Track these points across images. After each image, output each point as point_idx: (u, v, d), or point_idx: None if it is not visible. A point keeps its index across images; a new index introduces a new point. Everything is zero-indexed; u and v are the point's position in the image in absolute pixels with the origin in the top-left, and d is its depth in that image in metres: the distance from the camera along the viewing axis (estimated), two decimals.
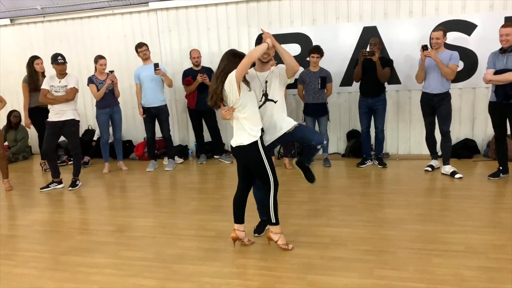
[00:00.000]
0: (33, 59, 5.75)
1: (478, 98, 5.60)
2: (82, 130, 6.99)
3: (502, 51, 4.35)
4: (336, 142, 6.27)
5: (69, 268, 3.03)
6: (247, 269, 2.87)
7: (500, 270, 2.67)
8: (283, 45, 3.13)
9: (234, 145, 3.05)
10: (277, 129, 3.20)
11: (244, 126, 2.99)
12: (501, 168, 4.67)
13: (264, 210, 3.28)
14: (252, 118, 2.98)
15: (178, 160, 6.29)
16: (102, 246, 3.39)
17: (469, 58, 5.46)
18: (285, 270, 2.83)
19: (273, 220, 3.10)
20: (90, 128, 7.22)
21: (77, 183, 5.20)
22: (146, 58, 5.78)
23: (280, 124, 3.20)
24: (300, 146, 6.14)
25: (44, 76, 5.55)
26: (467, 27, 5.43)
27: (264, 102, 3.17)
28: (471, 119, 5.68)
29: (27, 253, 3.33)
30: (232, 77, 2.84)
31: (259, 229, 3.44)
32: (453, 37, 5.46)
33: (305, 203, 4.17)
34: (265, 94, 3.17)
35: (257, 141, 2.96)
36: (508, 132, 4.57)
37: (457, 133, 5.77)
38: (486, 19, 5.30)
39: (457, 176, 4.73)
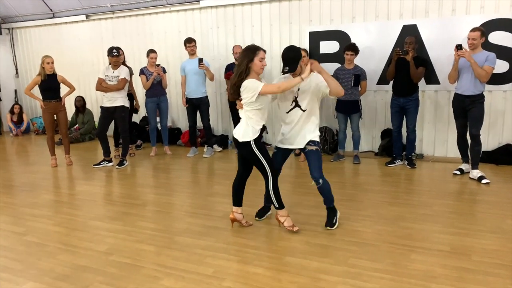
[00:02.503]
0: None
1: None
2: (140, 116, 7.77)
3: None
4: (371, 140, 6.27)
5: (91, 230, 3.57)
6: (235, 246, 3.18)
7: (474, 272, 2.68)
8: (322, 42, 3.33)
9: (233, 135, 3.33)
10: (298, 139, 3.38)
11: (245, 121, 3.27)
12: None
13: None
14: (255, 117, 3.21)
15: (218, 148, 6.74)
16: (124, 216, 3.91)
17: None
18: (268, 250, 3.09)
19: (276, 205, 3.37)
20: (146, 115, 7.94)
21: (124, 162, 5.86)
22: (192, 53, 6.27)
23: (303, 135, 3.37)
24: (333, 143, 6.27)
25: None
26: None
27: (293, 107, 3.35)
28: None
29: (75, 218, 3.96)
30: (253, 87, 3.06)
31: (260, 213, 3.72)
32: (499, 37, 5.22)
33: (316, 195, 4.32)
34: (296, 100, 3.34)
35: (250, 141, 3.21)
36: None
37: (499, 138, 5.49)
38: None
39: (484, 181, 4.56)
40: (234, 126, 6.57)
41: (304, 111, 3.32)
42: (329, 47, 6.19)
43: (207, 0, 6.93)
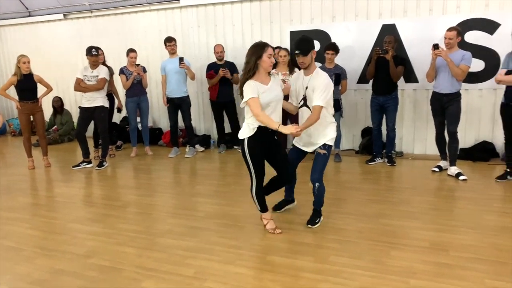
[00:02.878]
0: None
1: (499, 100, 5.34)
2: (120, 117, 7.66)
3: None
4: (352, 139, 6.33)
5: (70, 233, 3.50)
6: (217, 246, 3.16)
7: (453, 267, 2.73)
8: None
9: None
10: (310, 140, 3.38)
11: (245, 119, 3.25)
12: (508, 170, 4.55)
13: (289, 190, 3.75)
14: (252, 117, 3.14)
15: (200, 148, 6.70)
16: (104, 218, 3.85)
17: (491, 58, 5.27)
18: (250, 249, 3.09)
19: (259, 209, 3.37)
20: (127, 115, 7.83)
21: (104, 163, 5.77)
22: (173, 53, 6.21)
23: (316, 137, 3.35)
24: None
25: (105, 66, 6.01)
26: (489, 26, 5.25)
27: (301, 106, 3.33)
28: (492, 121, 5.49)
29: (53, 221, 3.87)
30: (246, 92, 3.04)
31: (278, 206, 3.81)
32: (475, 36, 5.32)
33: (299, 194, 4.35)
34: (304, 99, 3.31)
35: (244, 139, 3.19)
36: None
37: (476, 135, 5.61)
38: (510, 17, 5.08)
39: (461, 178, 4.66)
40: (217, 126, 6.63)
41: (310, 109, 3.25)
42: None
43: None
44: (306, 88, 3.27)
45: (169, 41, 6.19)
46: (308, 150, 3.49)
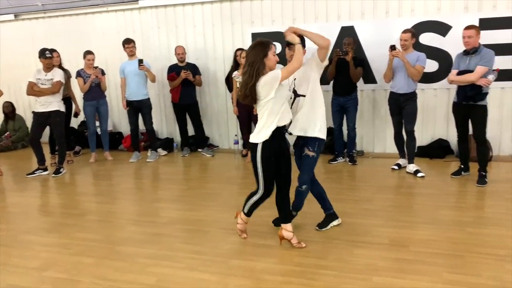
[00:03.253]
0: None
1: (453, 99, 5.60)
2: (78, 121, 7.38)
3: (465, 52, 4.41)
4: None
5: (23, 245, 3.32)
6: (179, 253, 3.08)
7: (414, 262, 2.79)
8: None
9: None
10: (298, 125, 3.14)
11: (260, 121, 2.97)
12: (462, 166, 4.75)
13: (324, 203, 3.44)
14: (270, 116, 2.89)
15: (162, 152, 6.56)
16: (61, 227, 3.67)
17: (444, 59, 5.49)
18: (214, 254, 3.03)
19: (245, 211, 3.23)
20: (85, 119, 7.55)
21: (60, 170, 5.53)
22: (132, 54, 6.06)
23: (306, 122, 3.11)
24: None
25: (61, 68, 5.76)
26: (442, 28, 5.47)
27: (294, 99, 3.14)
28: (446, 120, 5.71)
29: (4, 232, 3.65)
30: (273, 77, 2.75)
31: (322, 224, 3.43)
32: (428, 38, 5.52)
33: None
34: (294, 91, 3.14)
35: (257, 144, 2.92)
36: (470, 132, 4.60)
37: (432, 133, 5.83)
38: (460, 20, 5.31)
39: (419, 174, 4.81)
40: (180, 129, 6.52)
41: (304, 96, 3.08)
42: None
43: (146, 0, 6.72)
44: (294, 79, 3.15)
45: (128, 43, 6.03)
46: (296, 134, 3.20)
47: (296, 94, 3.13)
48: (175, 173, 5.51)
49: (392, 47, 4.73)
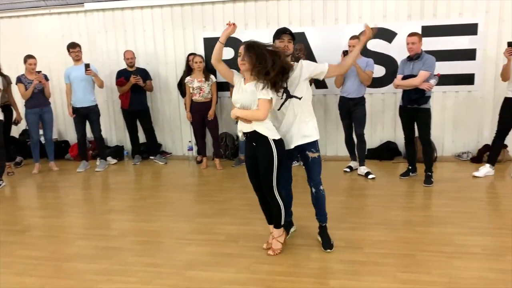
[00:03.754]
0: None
1: (399, 103, 5.85)
2: (19, 130, 6.93)
3: (409, 58, 4.61)
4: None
5: None
6: (133, 267, 2.95)
7: (368, 264, 2.85)
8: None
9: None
10: (295, 136, 2.95)
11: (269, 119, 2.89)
12: (410, 167, 4.96)
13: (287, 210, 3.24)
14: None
15: (112, 161, 6.31)
16: (0, 245, 3.40)
17: (391, 64, 5.71)
18: (169, 266, 2.93)
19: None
20: (27, 128, 7.11)
21: (0, 183, 5.14)
22: (78, 59, 5.79)
23: (300, 130, 2.95)
24: (234, 148, 6.30)
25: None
26: (388, 35, 5.70)
27: (285, 100, 2.90)
28: (393, 123, 5.94)
29: None
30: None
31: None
32: (375, 44, 5.72)
33: (220, 203, 4.29)
34: (286, 91, 2.88)
35: (271, 140, 2.80)
36: (416, 135, 4.81)
37: (380, 136, 6.04)
38: (405, 27, 5.56)
39: (370, 176, 4.96)
40: (130, 136, 6.30)
41: (300, 98, 2.91)
42: (224, 53, 6.14)
43: (93, 3, 6.46)
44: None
45: (73, 47, 5.76)
46: (292, 147, 2.99)
47: (289, 95, 2.90)
48: (126, 182, 5.31)
49: (345, 53, 4.85)
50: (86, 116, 5.81)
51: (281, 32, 3.00)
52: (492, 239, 3.16)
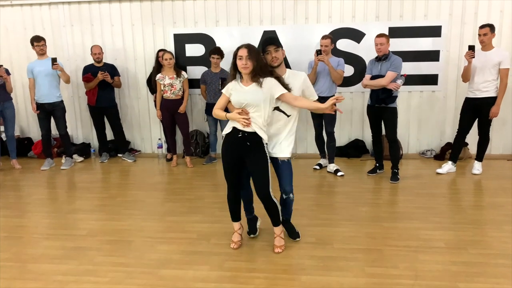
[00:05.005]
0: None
1: (367, 102, 6.00)
2: None
3: (377, 59, 4.74)
4: None
5: None
6: (102, 266, 2.89)
7: (338, 259, 2.92)
8: (188, 45, 2.96)
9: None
10: (275, 147, 3.00)
11: (265, 123, 2.92)
12: (377, 165, 5.10)
13: (249, 207, 3.31)
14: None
15: (78, 158, 6.14)
16: None
17: (359, 64, 5.85)
18: (141, 265, 2.89)
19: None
20: None
21: None
22: (42, 53, 5.57)
23: (280, 143, 2.99)
24: (204, 145, 6.26)
25: None
26: (356, 35, 5.83)
27: (272, 110, 2.91)
28: (361, 121, 6.10)
29: None
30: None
31: (251, 230, 3.34)
32: (345, 44, 5.85)
33: (190, 201, 4.27)
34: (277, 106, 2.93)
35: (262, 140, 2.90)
36: (383, 133, 4.95)
37: (349, 134, 6.18)
38: (373, 28, 5.71)
39: (339, 174, 5.07)
40: (97, 133, 6.14)
41: (288, 116, 2.97)
42: (194, 50, 6.16)
43: None
44: None
45: (37, 41, 5.54)
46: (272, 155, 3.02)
47: (276, 107, 2.93)
48: (93, 180, 5.18)
49: (318, 52, 4.90)
50: (51, 112, 5.61)
51: (264, 44, 2.94)
52: (455, 233, 3.31)
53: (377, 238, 3.27)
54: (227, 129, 2.94)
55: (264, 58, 2.91)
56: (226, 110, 2.98)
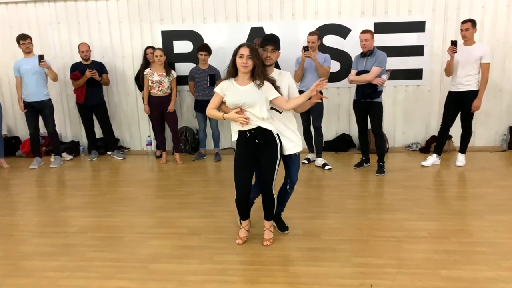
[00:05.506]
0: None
1: (353, 97, 6.10)
2: None
3: (362, 54, 4.82)
4: (230, 138, 6.49)
5: None
6: (94, 262, 2.93)
7: (325, 250, 3.00)
8: (176, 42, 2.95)
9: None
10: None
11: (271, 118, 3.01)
12: (363, 158, 5.20)
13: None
14: None
15: (67, 157, 6.13)
16: None
17: (345, 60, 5.94)
18: (132, 260, 2.94)
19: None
20: None
21: None
22: (28, 51, 5.54)
23: (288, 140, 3.05)
24: (194, 142, 6.30)
25: None
26: (342, 31, 5.90)
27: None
28: (348, 116, 6.19)
29: None
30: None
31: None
32: (331, 40, 5.92)
33: (179, 197, 4.31)
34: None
35: (276, 135, 2.95)
36: (369, 127, 5.05)
37: (336, 129, 6.28)
38: (358, 24, 5.79)
39: (327, 167, 5.16)
40: (86, 131, 6.14)
41: (280, 112, 3.02)
42: (182, 46, 6.18)
43: None
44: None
45: (23, 39, 5.51)
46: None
47: (270, 107, 2.99)
48: (83, 178, 5.19)
49: (305, 48, 4.95)
50: (39, 110, 5.60)
51: (265, 40, 2.98)
52: (438, 223, 3.41)
53: (363, 229, 3.36)
54: (234, 135, 3.01)
55: (260, 52, 2.95)
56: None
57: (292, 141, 3.07)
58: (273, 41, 2.96)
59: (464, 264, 2.74)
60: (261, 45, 2.96)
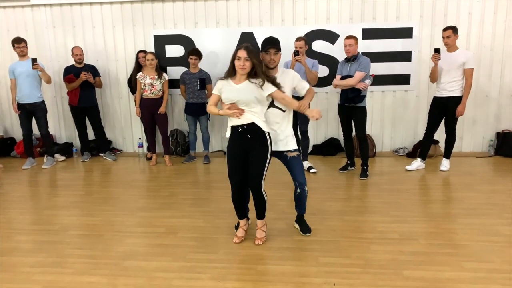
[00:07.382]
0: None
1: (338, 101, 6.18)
2: None
3: (347, 59, 4.90)
4: (220, 140, 6.59)
5: None
6: (69, 259, 3.03)
7: (295, 250, 3.08)
8: (168, 46, 3.08)
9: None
10: (278, 142, 3.17)
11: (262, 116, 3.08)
12: (349, 162, 5.26)
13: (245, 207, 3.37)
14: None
15: (60, 158, 6.25)
16: None
17: (333, 65, 5.99)
18: (106, 257, 3.03)
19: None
20: None
21: None
22: (23, 55, 5.69)
23: (285, 139, 3.18)
24: (184, 144, 6.40)
25: None
26: (331, 36, 5.99)
27: (268, 108, 3.08)
28: (337, 120, 6.24)
29: None
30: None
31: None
32: (320, 45, 6.01)
33: (162, 197, 4.41)
34: (271, 101, 3.09)
35: (267, 133, 3.06)
36: (354, 132, 5.11)
37: (325, 133, 6.35)
38: (347, 30, 5.87)
39: (312, 171, 5.23)
40: (79, 133, 6.26)
41: (284, 111, 3.14)
42: (174, 51, 6.30)
43: None
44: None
45: (18, 42, 5.66)
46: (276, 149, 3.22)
47: (272, 104, 3.10)
48: (73, 179, 5.30)
49: (296, 53, 5.03)
50: (32, 112, 5.73)
51: (267, 44, 3.08)
52: (410, 226, 3.47)
53: (336, 230, 3.42)
54: (228, 131, 3.11)
55: (263, 56, 3.06)
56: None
57: (289, 139, 3.22)
58: (274, 43, 3.09)
59: (428, 265, 2.79)
60: (263, 49, 3.08)
